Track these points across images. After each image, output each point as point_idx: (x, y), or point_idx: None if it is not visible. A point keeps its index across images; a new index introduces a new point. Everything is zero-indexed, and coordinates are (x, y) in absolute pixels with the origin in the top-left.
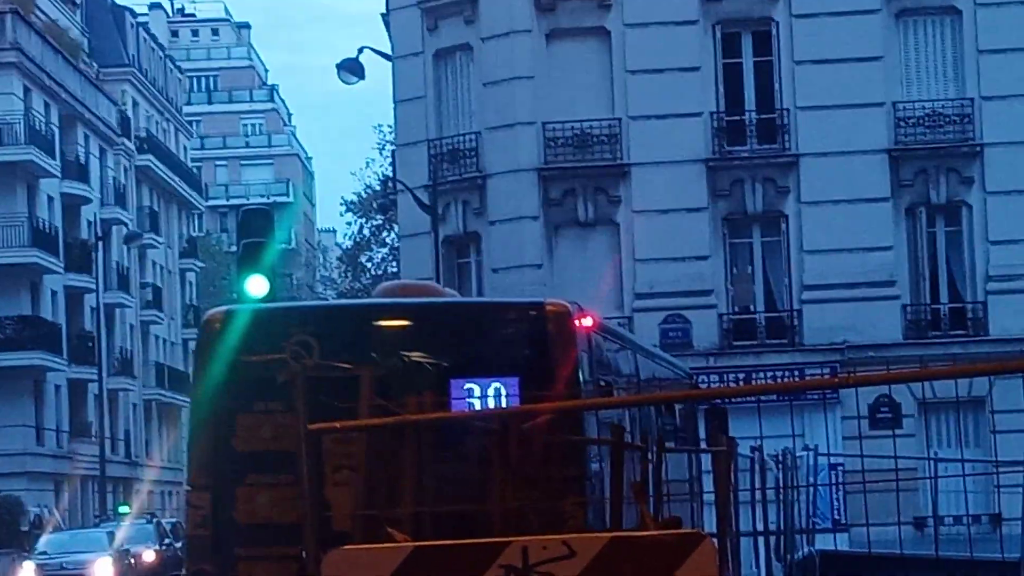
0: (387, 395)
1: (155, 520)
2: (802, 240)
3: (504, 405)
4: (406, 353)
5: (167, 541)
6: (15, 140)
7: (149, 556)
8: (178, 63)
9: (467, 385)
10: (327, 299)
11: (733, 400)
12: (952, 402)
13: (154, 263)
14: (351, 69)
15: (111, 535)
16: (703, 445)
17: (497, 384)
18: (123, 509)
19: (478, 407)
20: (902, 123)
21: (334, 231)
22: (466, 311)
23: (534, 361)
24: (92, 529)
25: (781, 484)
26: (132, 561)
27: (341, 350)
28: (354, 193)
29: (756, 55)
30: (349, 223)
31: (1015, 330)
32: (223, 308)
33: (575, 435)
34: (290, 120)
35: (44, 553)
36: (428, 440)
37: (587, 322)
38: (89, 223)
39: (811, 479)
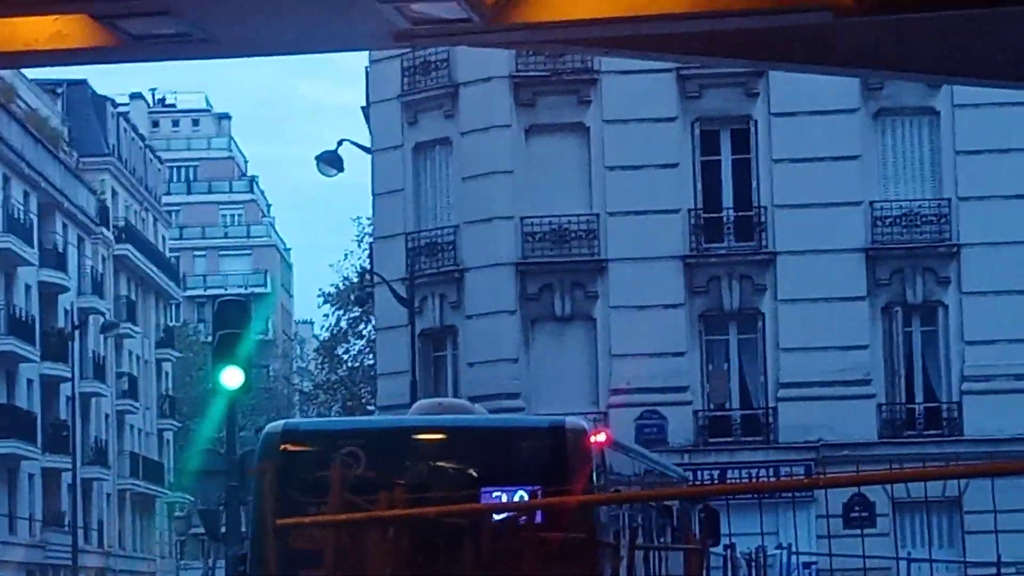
0: (424, 500)
1: None
2: (778, 338)
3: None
4: (442, 464)
5: None
6: None
7: None
8: (158, 153)
9: (495, 493)
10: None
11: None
12: (926, 501)
13: (131, 352)
14: (330, 161)
15: None
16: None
17: (522, 492)
18: None
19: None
20: (879, 222)
21: (311, 322)
22: (496, 430)
23: (555, 473)
24: None
25: None
26: None
27: (386, 461)
28: (332, 285)
29: (734, 152)
30: (326, 315)
31: (990, 430)
32: (280, 423)
33: (590, 537)
34: (269, 211)
35: None
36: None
37: (600, 438)
38: (66, 312)
39: None
